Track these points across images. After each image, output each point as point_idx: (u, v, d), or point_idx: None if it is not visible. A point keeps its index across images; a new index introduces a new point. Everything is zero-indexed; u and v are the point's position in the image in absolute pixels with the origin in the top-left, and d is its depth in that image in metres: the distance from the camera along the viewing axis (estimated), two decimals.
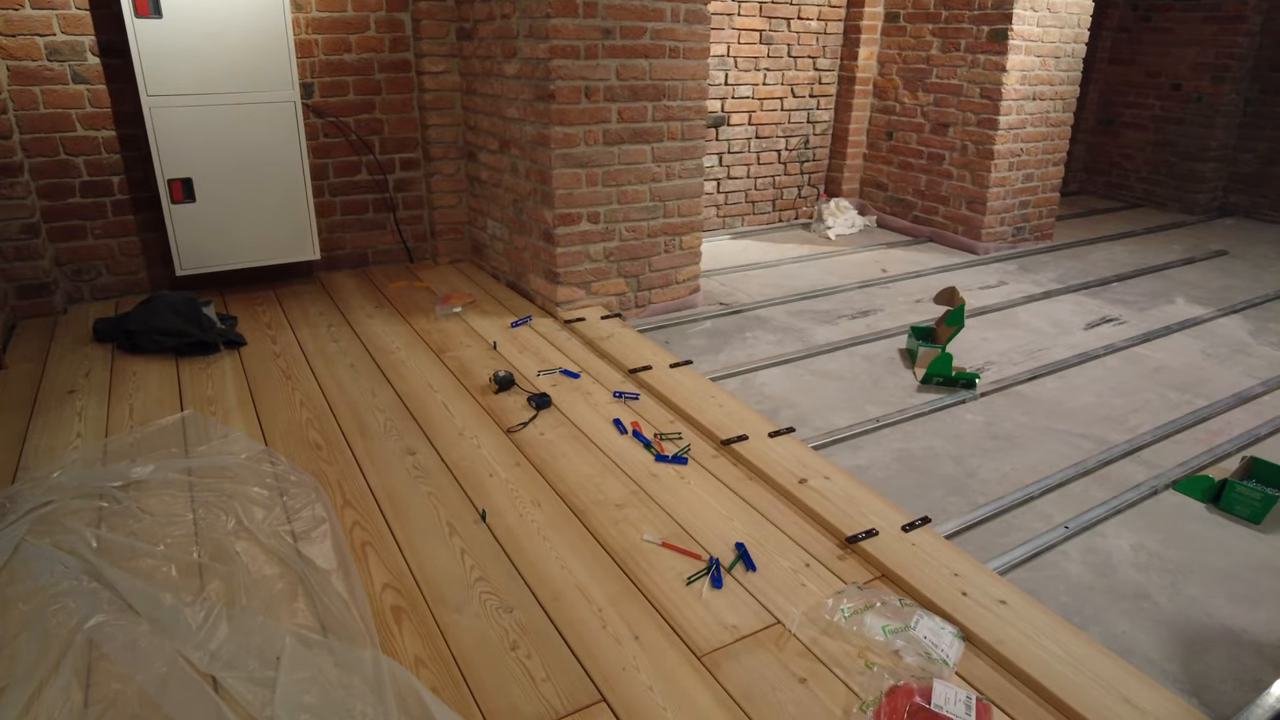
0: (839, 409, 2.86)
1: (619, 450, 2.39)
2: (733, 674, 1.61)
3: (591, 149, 3.24)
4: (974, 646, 1.70)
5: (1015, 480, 2.46)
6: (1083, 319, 3.87)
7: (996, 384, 3.10)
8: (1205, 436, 2.80)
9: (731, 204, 5.11)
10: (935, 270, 4.49)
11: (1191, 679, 1.77)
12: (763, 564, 1.92)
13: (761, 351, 3.32)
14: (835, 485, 2.21)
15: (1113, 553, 2.17)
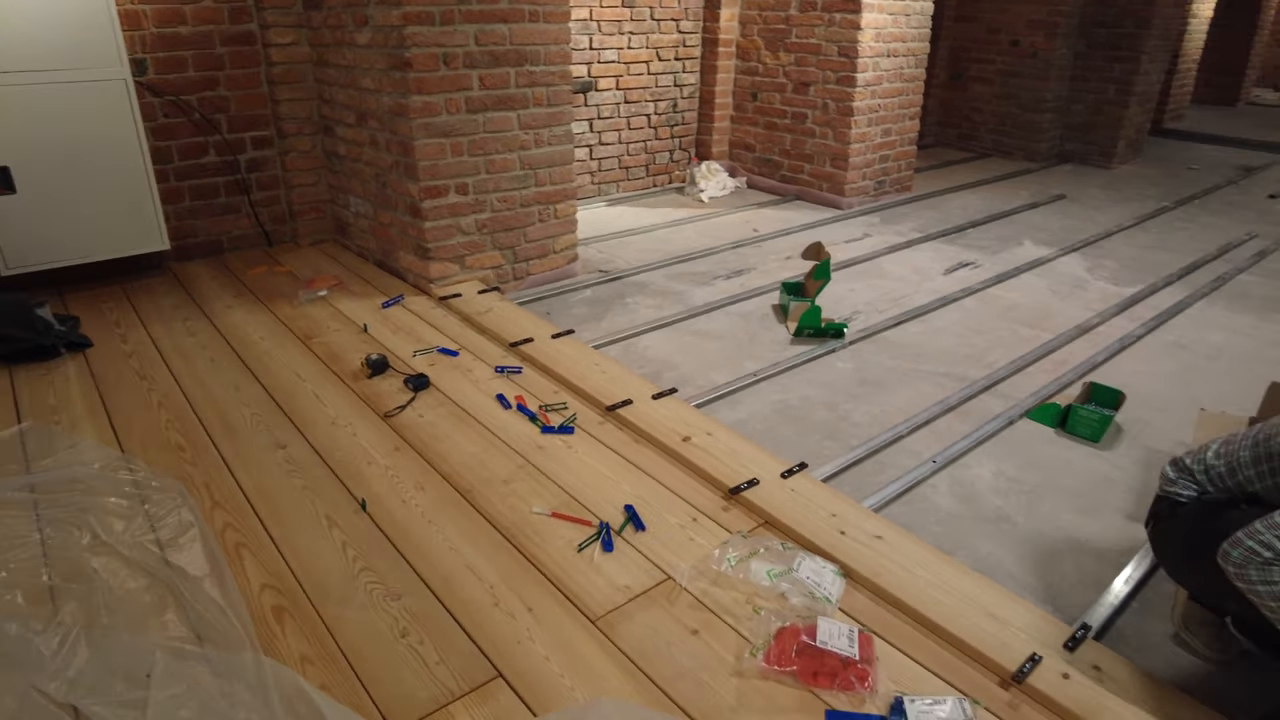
0: (718, 367, 2.92)
1: (503, 425, 2.37)
2: (627, 633, 1.64)
3: (454, 118, 3.14)
4: (854, 582, 1.80)
5: (885, 421, 2.59)
6: (941, 265, 4.09)
7: (864, 332, 3.24)
8: (1052, 367, 3.03)
9: (605, 170, 5.09)
10: (803, 227, 4.63)
11: (1046, 588, 1.93)
12: (652, 523, 1.95)
13: (642, 316, 3.35)
14: (717, 440, 2.26)
15: (975, 481, 2.32)
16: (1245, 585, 1.34)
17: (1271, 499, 1.46)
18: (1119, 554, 2.04)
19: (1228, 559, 1.36)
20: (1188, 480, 1.61)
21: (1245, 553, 1.32)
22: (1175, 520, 1.61)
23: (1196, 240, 4.65)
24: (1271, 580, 1.28)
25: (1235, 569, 1.34)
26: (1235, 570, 1.35)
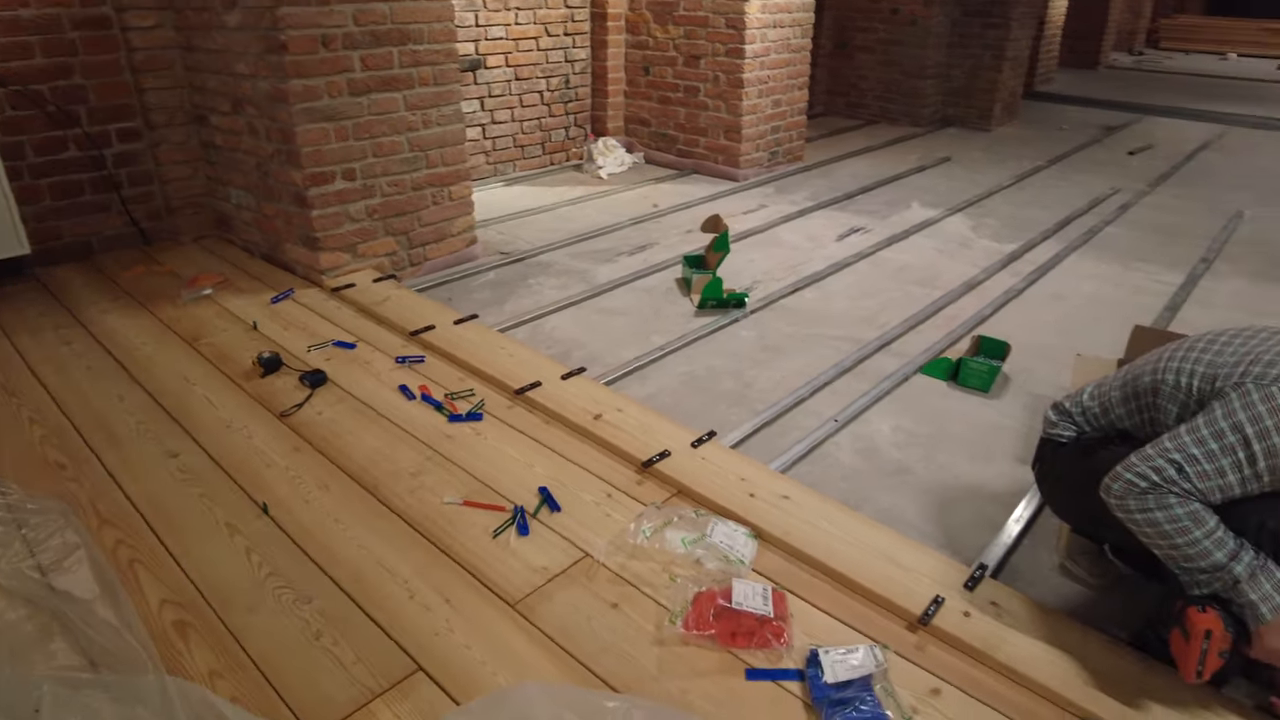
0: (626, 343, 2.93)
1: (408, 417, 2.31)
2: (547, 614, 1.64)
3: (336, 101, 3.02)
4: (766, 542, 1.85)
5: (788, 386, 2.67)
6: (834, 232, 4.21)
7: (764, 300, 3.31)
8: (942, 323, 3.18)
9: (500, 150, 5.00)
10: (701, 200, 4.68)
11: (945, 534, 2.03)
12: (566, 503, 1.95)
13: (547, 296, 3.32)
14: (628, 416, 2.28)
15: (875, 436, 2.42)
16: (1125, 515, 1.44)
17: (1140, 435, 1.58)
18: (1010, 495, 2.17)
19: (1109, 492, 1.45)
20: (1067, 422, 1.71)
21: (1124, 485, 1.41)
22: (1057, 460, 1.72)
23: (1068, 196, 4.93)
24: (1147, 508, 1.38)
25: (1116, 500, 1.44)
26: (1116, 502, 1.44)
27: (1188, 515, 1.34)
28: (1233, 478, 1.33)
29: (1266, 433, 1.28)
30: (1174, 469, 1.36)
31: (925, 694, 1.51)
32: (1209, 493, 1.35)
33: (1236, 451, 1.32)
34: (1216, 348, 1.48)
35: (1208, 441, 1.35)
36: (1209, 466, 1.34)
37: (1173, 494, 1.35)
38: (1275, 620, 1.31)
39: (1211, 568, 1.34)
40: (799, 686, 1.50)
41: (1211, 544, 1.33)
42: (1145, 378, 1.57)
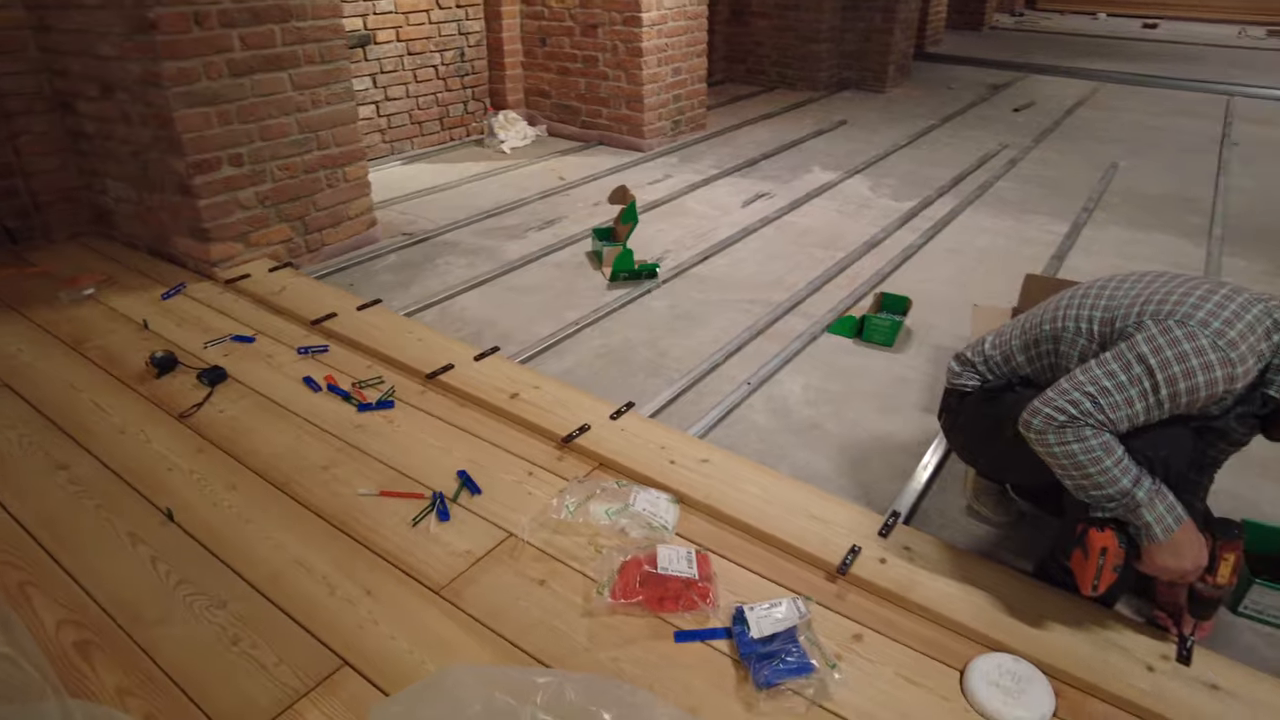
0: (539, 320, 2.91)
1: (315, 409, 2.24)
2: (474, 597, 1.63)
3: (216, 83, 2.86)
4: (688, 507, 1.88)
5: (702, 353, 2.70)
6: (739, 198, 4.26)
7: (675, 270, 3.33)
8: (846, 283, 3.26)
9: (396, 127, 4.84)
10: (607, 172, 4.65)
11: (859, 485, 2.11)
12: (487, 484, 1.93)
13: (455, 276, 3.25)
14: (545, 393, 2.26)
15: (788, 396, 2.48)
16: (1044, 449, 1.48)
17: (1041, 380, 1.65)
18: (918, 444, 2.26)
19: (1029, 428, 1.49)
20: (971, 372, 1.78)
21: (1044, 420, 1.45)
22: (963, 409, 1.79)
23: (960, 154, 5.12)
24: (1065, 441, 1.43)
25: (1036, 435, 1.48)
26: (1036, 436, 1.48)
27: (1101, 446, 1.41)
28: (1139, 407, 1.41)
29: (1167, 363, 1.37)
30: (1089, 402, 1.42)
31: (848, 640, 1.57)
32: (1119, 422, 1.42)
33: (1142, 381, 1.39)
34: (1109, 293, 1.57)
35: (1117, 374, 1.42)
36: (1119, 397, 1.41)
37: (1088, 426, 1.42)
38: (1166, 540, 1.41)
39: (1119, 494, 1.42)
40: (727, 644, 1.54)
41: (1119, 471, 1.41)
42: (1045, 326, 1.64)
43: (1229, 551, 1.44)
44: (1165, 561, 1.43)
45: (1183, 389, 1.37)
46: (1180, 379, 1.37)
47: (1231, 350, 1.35)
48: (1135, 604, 1.71)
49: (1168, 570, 1.44)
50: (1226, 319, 1.38)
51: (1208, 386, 1.37)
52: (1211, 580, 1.45)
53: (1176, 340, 1.38)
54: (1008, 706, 1.42)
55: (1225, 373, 1.35)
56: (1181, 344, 1.37)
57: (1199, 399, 1.39)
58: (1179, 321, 1.40)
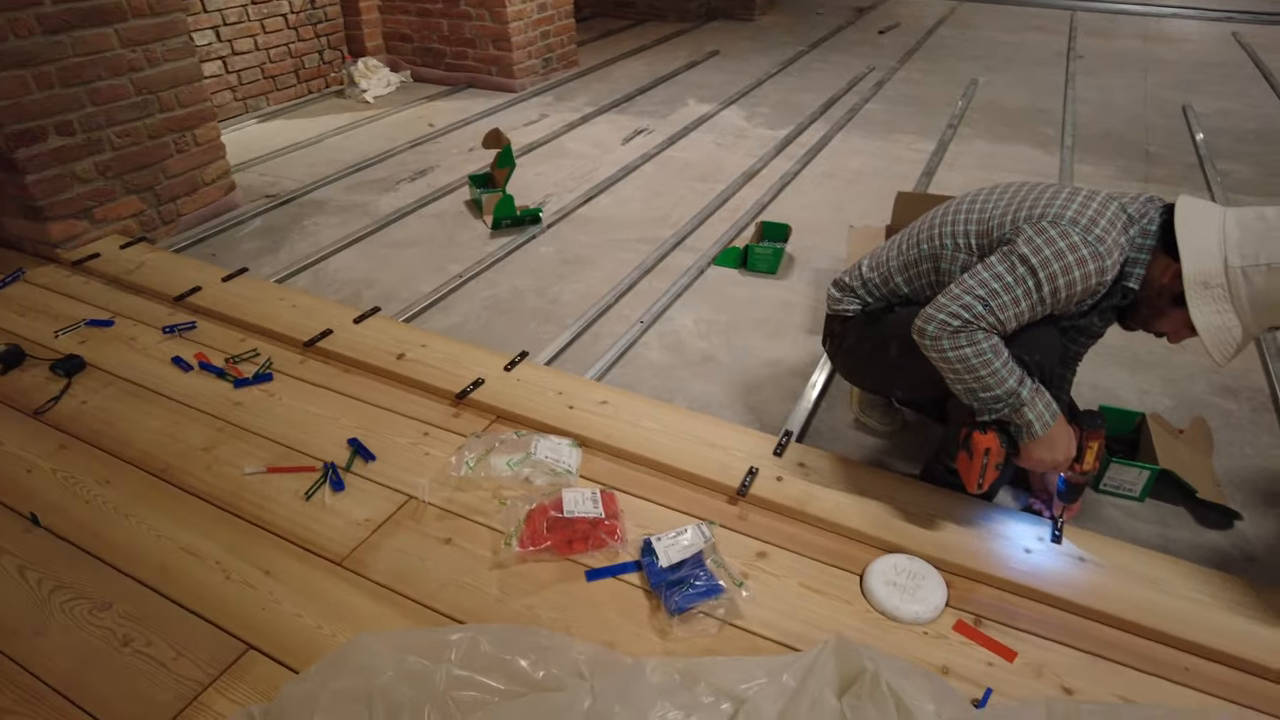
0: (421, 275, 2.81)
1: (189, 390, 2.11)
2: (379, 564, 1.60)
3: (28, 42, 2.57)
4: (590, 449, 1.88)
5: (593, 295, 2.68)
6: (619, 135, 4.21)
7: (559, 213, 3.28)
8: (728, 214, 3.29)
9: (248, 83, 4.51)
10: (480, 115, 4.50)
11: (753, 410, 2.16)
12: (381, 450, 1.88)
13: (327, 237, 3.10)
14: (433, 350, 2.21)
15: (680, 331, 2.50)
16: (938, 355, 1.51)
17: (921, 298, 1.69)
18: (806, 366, 2.33)
19: (924, 335, 1.50)
20: (851, 296, 1.82)
21: (938, 326, 1.48)
22: (846, 333, 1.83)
23: (829, 78, 5.20)
24: (959, 345, 1.48)
25: (931, 342, 1.51)
26: (931, 343, 1.51)
27: (991, 349, 1.47)
28: (1025, 305, 1.48)
29: (1047, 261, 1.44)
30: (980, 305, 1.47)
31: (752, 558, 1.63)
32: (1007, 322, 1.49)
33: (1026, 281, 1.46)
34: (979, 207, 1.62)
35: (1003, 276, 1.48)
36: (1007, 298, 1.47)
37: (980, 329, 1.47)
38: (1044, 435, 1.51)
39: (1006, 394, 1.48)
40: (638, 576, 1.57)
41: (1007, 372, 1.48)
42: (922, 246, 1.68)
43: (1093, 440, 1.55)
44: (1042, 455, 1.53)
45: (1062, 284, 1.45)
46: (1060, 275, 1.44)
47: (1099, 244, 1.44)
48: (1012, 494, 1.85)
49: (1044, 463, 1.54)
50: (1091, 217, 1.46)
51: (1083, 280, 1.45)
52: (1079, 468, 1.57)
53: (1052, 239, 1.45)
54: (905, 602, 1.52)
55: (1097, 265, 1.44)
56: (1057, 242, 1.44)
57: (1076, 293, 1.47)
58: (1051, 222, 1.47)
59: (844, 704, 1.26)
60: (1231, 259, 1.39)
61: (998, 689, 1.38)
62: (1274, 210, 1.41)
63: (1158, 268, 1.49)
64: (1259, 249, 1.37)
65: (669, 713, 1.27)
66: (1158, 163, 3.88)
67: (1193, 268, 1.41)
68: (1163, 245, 1.48)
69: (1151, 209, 1.51)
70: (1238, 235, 1.40)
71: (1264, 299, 1.37)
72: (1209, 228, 1.43)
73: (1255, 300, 1.38)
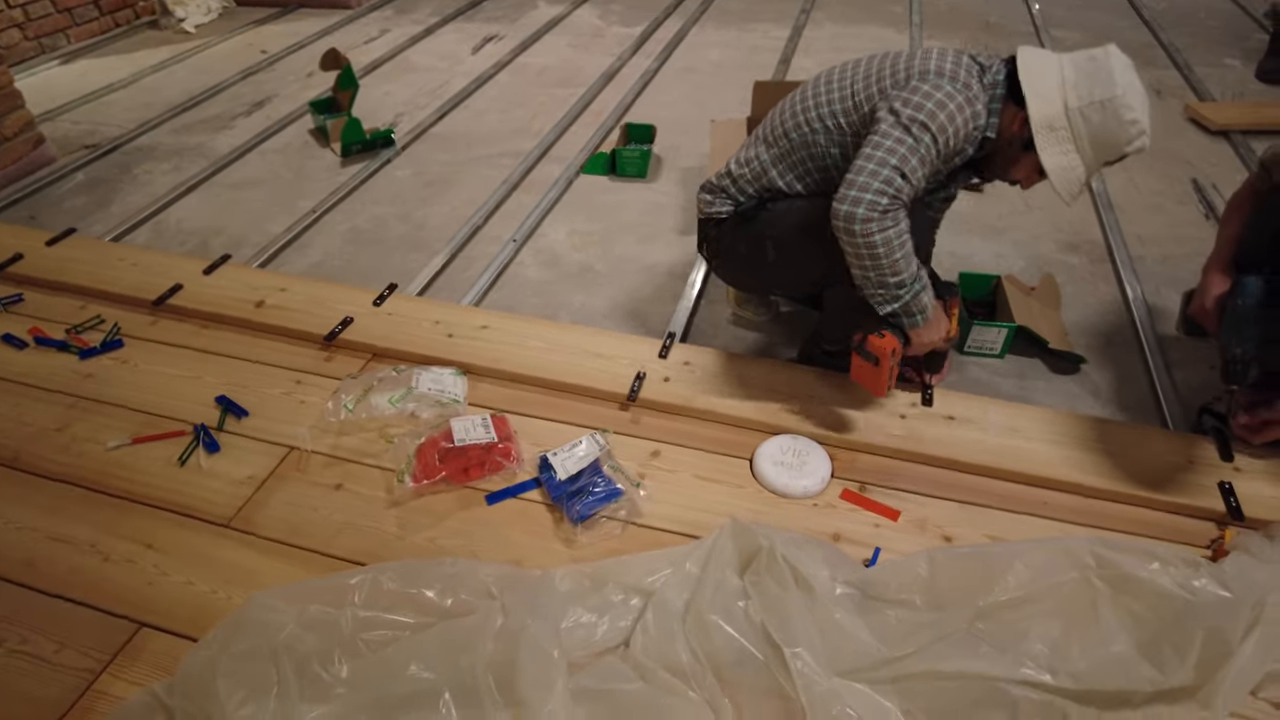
0: (272, 216, 2.63)
1: (28, 369, 1.93)
2: (268, 520, 1.54)
3: None
4: (475, 375, 1.85)
5: (460, 217, 2.59)
6: (468, 45, 4.00)
7: (413, 133, 3.11)
8: (591, 119, 3.21)
9: (39, 18, 3.99)
10: (314, 37, 4.16)
11: (635, 316, 2.17)
12: (253, 404, 1.79)
13: (161, 185, 2.84)
14: (295, 293, 2.09)
15: (555, 246, 2.46)
16: (863, 240, 1.43)
17: (796, 189, 1.67)
18: (683, 266, 2.34)
19: (853, 220, 1.42)
20: (722, 198, 1.76)
21: (867, 209, 1.41)
22: (721, 236, 1.78)
23: None
24: (885, 227, 1.43)
25: (861, 226, 1.42)
26: (860, 228, 1.42)
27: (905, 229, 1.47)
28: (927, 166, 1.48)
29: (933, 115, 1.45)
30: (899, 176, 1.44)
31: (647, 458, 1.67)
32: (916, 187, 1.48)
33: (923, 139, 1.45)
34: (836, 85, 1.61)
35: (905, 141, 1.45)
36: (915, 161, 1.45)
37: (902, 206, 1.46)
38: (930, 320, 1.56)
39: (910, 278, 1.50)
40: (538, 493, 1.58)
41: (910, 255, 1.49)
42: (791, 136, 1.64)
43: (954, 307, 1.64)
44: (929, 337, 1.58)
45: (951, 133, 1.47)
46: (947, 125, 1.46)
47: (968, 90, 1.48)
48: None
49: (930, 344, 1.59)
50: (952, 68, 1.50)
51: (965, 125, 1.48)
52: (947, 336, 1.65)
53: (929, 94, 1.46)
54: (793, 478, 1.59)
55: (973, 110, 1.48)
56: (934, 95, 1.46)
57: (959, 140, 1.49)
58: (920, 79, 1.49)
59: (746, 581, 1.33)
60: (1070, 100, 1.45)
61: (886, 547, 1.48)
62: (1100, 50, 1.48)
63: (1008, 116, 1.54)
64: (1092, 87, 1.44)
65: (581, 616, 1.31)
66: (997, 32, 4.01)
67: (1038, 113, 1.47)
68: (1010, 94, 1.53)
69: (996, 60, 1.56)
70: (1074, 77, 1.46)
71: (1100, 135, 1.45)
72: (1049, 73, 1.48)
73: (1094, 137, 1.45)
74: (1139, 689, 1.21)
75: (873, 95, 1.54)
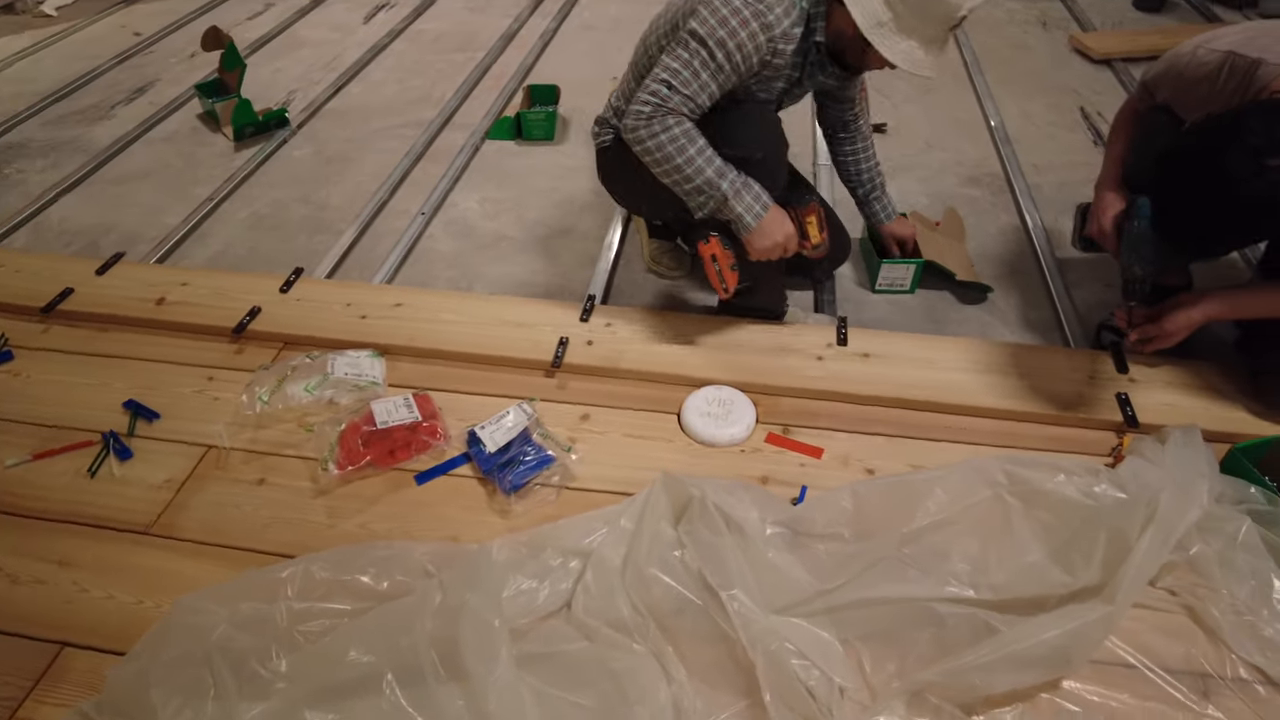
0: (165, 208, 2.50)
1: None
2: (192, 522, 1.49)
3: None
4: (393, 355, 1.82)
5: (364, 193, 2.51)
6: (359, 14, 3.84)
7: (308, 110, 2.99)
8: (493, 84, 3.14)
9: None
10: (192, 15, 3.93)
11: (555, 281, 2.16)
12: (164, 405, 1.72)
13: (37, 184, 2.66)
14: (197, 287, 2.00)
15: (466, 216, 2.41)
16: (640, 148, 1.56)
17: None
18: (599, 228, 2.33)
19: (626, 130, 1.57)
20: (606, 129, 1.84)
21: (634, 117, 1.54)
22: (607, 161, 1.87)
23: None
24: (654, 133, 1.53)
25: (631, 135, 1.56)
26: (632, 137, 1.56)
27: (684, 134, 1.53)
28: (706, 76, 1.53)
29: (713, 30, 1.49)
30: (665, 88, 1.53)
31: (576, 422, 1.67)
32: (696, 97, 1.54)
33: (700, 53, 1.51)
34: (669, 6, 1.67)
35: (680, 54, 1.54)
36: (687, 74, 1.53)
37: (670, 114, 1.53)
38: (757, 225, 1.59)
39: (706, 184, 1.55)
40: (469, 468, 1.57)
41: (704, 161, 1.55)
42: (642, 61, 1.72)
43: (809, 215, 1.65)
44: (762, 243, 1.61)
45: (733, 47, 1.50)
46: (728, 39, 1.50)
47: (760, 2, 1.49)
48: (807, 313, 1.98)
49: (767, 250, 1.62)
50: None
51: (751, 39, 1.50)
52: (808, 245, 1.67)
53: (716, 9, 1.50)
54: (720, 428, 1.62)
55: (760, 23, 1.49)
56: (719, 10, 1.49)
57: (749, 52, 1.52)
58: None
59: (680, 531, 1.35)
60: None
61: (812, 484, 1.52)
62: None
63: (839, 19, 1.54)
64: None
65: (522, 584, 1.32)
66: None
67: (862, 17, 1.48)
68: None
69: None
70: None
71: (926, 10, 1.46)
72: None
73: (922, 15, 1.47)
74: (1053, 593, 1.28)
75: (684, 10, 1.59)
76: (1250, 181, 1.26)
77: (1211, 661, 1.26)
